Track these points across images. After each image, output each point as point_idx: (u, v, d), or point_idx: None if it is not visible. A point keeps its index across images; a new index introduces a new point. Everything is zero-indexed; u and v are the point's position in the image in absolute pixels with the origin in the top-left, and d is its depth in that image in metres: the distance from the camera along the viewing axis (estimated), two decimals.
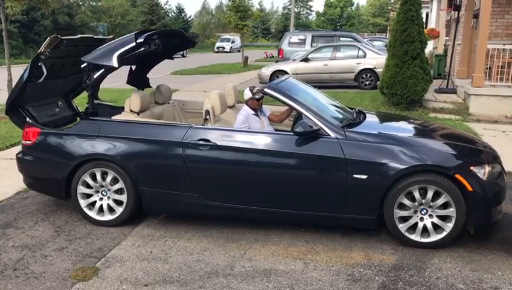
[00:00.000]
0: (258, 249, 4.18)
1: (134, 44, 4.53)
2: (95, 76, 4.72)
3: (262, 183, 4.31)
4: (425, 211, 4.11)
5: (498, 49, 10.33)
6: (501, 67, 10.28)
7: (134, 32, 4.70)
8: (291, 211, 4.33)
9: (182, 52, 38.28)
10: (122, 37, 4.70)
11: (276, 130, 5.09)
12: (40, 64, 4.67)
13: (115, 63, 4.47)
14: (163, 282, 3.63)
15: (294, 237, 4.39)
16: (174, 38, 5.58)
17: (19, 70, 5.06)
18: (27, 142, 4.81)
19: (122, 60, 4.58)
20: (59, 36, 4.69)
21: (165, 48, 5.03)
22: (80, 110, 5.70)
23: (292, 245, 4.24)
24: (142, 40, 4.55)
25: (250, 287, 3.56)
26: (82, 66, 4.70)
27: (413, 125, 5.15)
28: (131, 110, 4.96)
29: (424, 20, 14.80)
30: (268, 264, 3.90)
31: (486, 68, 10.40)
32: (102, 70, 4.70)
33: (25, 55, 32.20)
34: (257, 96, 4.99)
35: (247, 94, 5.05)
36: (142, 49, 4.61)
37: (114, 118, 4.84)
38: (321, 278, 3.68)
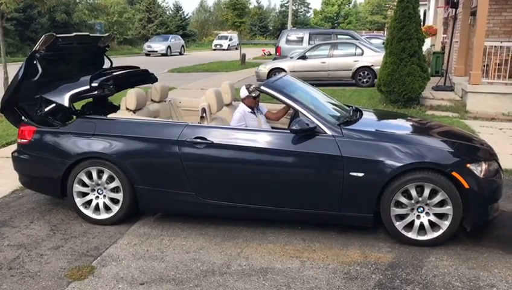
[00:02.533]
0: (254, 247, 4.17)
1: (88, 87, 4.65)
2: (46, 109, 4.82)
3: (259, 181, 4.29)
4: (422, 209, 4.10)
5: (495, 46, 10.33)
6: (498, 65, 10.28)
7: (91, 75, 4.77)
8: (287, 209, 4.31)
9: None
10: (81, 79, 4.78)
11: (273, 128, 5.07)
12: (35, 62, 4.65)
13: (66, 103, 4.60)
14: (160, 281, 3.62)
15: (291, 236, 4.38)
16: (137, 76, 5.75)
17: (15, 69, 5.03)
18: (23, 140, 4.78)
19: (75, 100, 4.74)
20: (54, 34, 4.68)
21: (127, 82, 5.39)
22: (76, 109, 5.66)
23: (289, 243, 4.23)
24: (96, 84, 4.68)
25: (246, 285, 3.55)
26: (35, 96, 4.78)
27: (410, 123, 5.15)
28: (127, 109, 4.93)
29: (421, 17, 14.79)
30: (264, 263, 3.89)
31: (484, 66, 10.40)
32: (54, 105, 4.77)
33: (22, 53, 32.02)
34: (253, 94, 4.98)
35: (244, 92, 5.04)
36: (96, 92, 4.73)
37: (110, 116, 4.81)
38: (318, 277, 3.67)
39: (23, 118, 4.84)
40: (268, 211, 4.36)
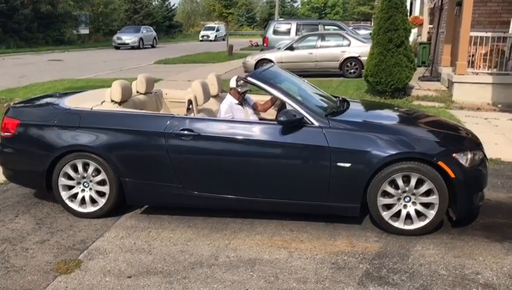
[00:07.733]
0: (242, 238, 4.17)
1: None
2: None
3: (246, 172, 4.28)
4: (408, 198, 4.13)
5: (481, 37, 10.40)
6: (484, 55, 10.37)
7: None
8: (275, 200, 4.31)
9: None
10: None
11: (260, 119, 5.06)
12: None
13: None
14: (147, 273, 3.60)
15: (278, 226, 4.38)
16: None
17: None
18: (6, 134, 4.71)
19: None
20: None
21: None
22: None
23: (277, 234, 4.24)
24: None
25: (234, 276, 3.55)
26: None
27: (397, 113, 5.17)
28: (112, 100, 4.87)
29: (408, 8, 14.82)
30: (252, 254, 3.89)
31: (470, 56, 10.47)
32: None
33: (4, 45, 31.44)
34: (239, 90, 4.96)
35: (233, 83, 5.01)
36: None
37: (95, 108, 4.75)
38: (305, 267, 3.69)
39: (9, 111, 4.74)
40: (256, 202, 4.35)
